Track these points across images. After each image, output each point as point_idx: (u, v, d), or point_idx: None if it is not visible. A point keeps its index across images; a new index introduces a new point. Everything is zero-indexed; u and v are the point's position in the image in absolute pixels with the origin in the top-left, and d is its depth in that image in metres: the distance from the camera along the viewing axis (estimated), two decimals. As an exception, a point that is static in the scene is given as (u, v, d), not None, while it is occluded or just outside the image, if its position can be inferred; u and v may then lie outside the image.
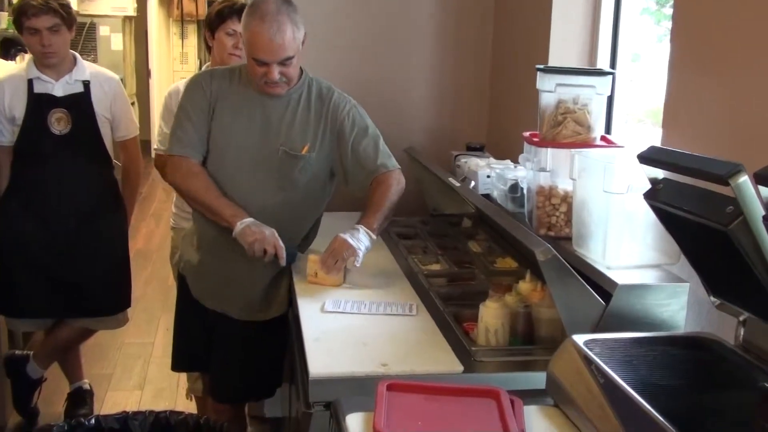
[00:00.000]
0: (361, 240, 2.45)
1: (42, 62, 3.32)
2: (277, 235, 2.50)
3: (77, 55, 3.46)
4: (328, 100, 2.62)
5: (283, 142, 2.56)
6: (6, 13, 5.49)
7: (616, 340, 1.66)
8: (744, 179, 1.31)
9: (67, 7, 3.31)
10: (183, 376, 3.90)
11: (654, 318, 1.90)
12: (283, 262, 2.51)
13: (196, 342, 2.82)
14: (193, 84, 2.67)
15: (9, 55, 5.70)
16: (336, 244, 2.45)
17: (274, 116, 2.58)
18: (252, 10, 2.46)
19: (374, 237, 2.49)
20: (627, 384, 1.44)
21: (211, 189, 2.56)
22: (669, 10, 2.83)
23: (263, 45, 2.42)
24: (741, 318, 1.60)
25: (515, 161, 2.80)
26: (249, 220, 2.50)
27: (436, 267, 2.73)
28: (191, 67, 10.25)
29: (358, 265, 2.44)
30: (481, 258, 2.77)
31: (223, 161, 2.59)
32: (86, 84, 3.39)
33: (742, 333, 1.60)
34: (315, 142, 2.59)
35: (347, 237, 2.45)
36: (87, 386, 3.77)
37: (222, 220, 2.54)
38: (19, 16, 3.25)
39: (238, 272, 2.62)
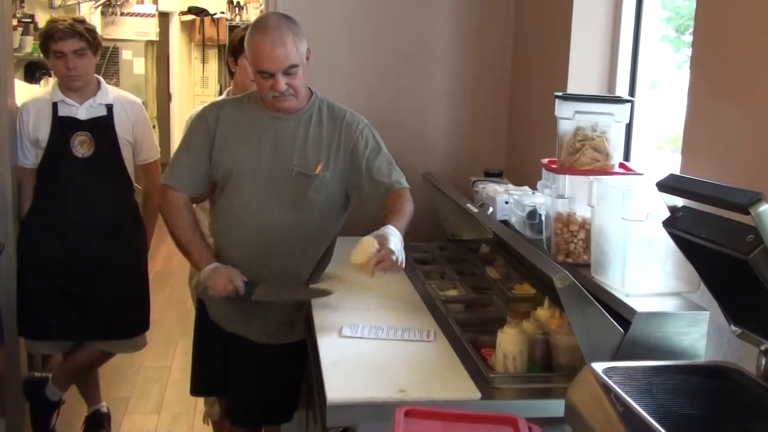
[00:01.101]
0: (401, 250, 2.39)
1: (67, 85, 3.37)
2: (237, 272, 2.55)
3: (101, 79, 3.51)
4: (340, 119, 2.66)
5: (296, 162, 2.59)
6: (31, 38, 5.57)
7: (635, 368, 1.65)
8: (764, 208, 1.30)
9: (92, 32, 3.38)
10: (200, 399, 3.90)
11: (674, 346, 1.88)
12: (241, 291, 2.55)
13: (215, 367, 2.82)
14: (199, 117, 2.73)
15: (34, 79, 5.80)
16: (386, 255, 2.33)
17: (285, 137, 2.62)
18: (254, 27, 2.54)
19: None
20: (647, 413, 1.42)
21: (186, 228, 2.63)
22: (688, 38, 2.84)
23: (266, 55, 2.46)
24: (762, 347, 1.58)
25: (533, 187, 2.80)
26: (213, 265, 2.56)
27: (453, 293, 2.72)
28: (212, 92, 10.33)
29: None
30: (498, 284, 2.77)
31: (238, 184, 2.62)
32: (109, 108, 3.44)
33: (763, 363, 1.59)
34: (328, 161, 2.61)
35: (395, 249, 2.33)
36: (105, 409, 3.79)
37: (190, 260, 2.65)
38: (46, 40, 3.31)
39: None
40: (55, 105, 3.38)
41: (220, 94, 9.84)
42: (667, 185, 1.58)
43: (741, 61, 1.96)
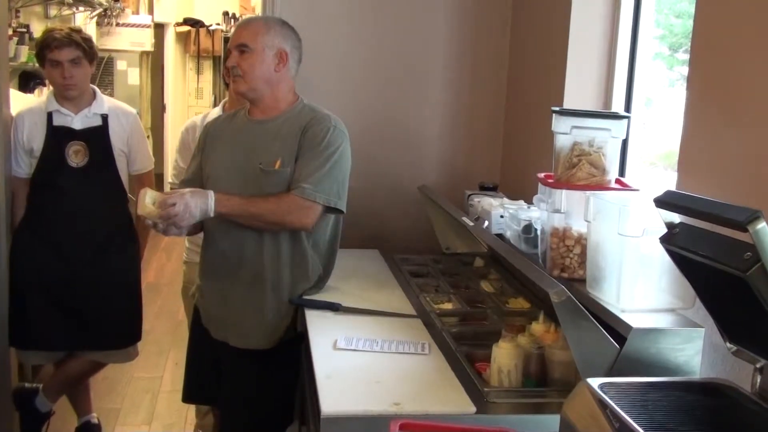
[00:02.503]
0: (198, 213, 2.44)
1: (62, 94, 3.37)
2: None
3: (97, 89, 3.52)
4: (311, 117, 2.65)
5: (261, 160, 2.61)
6: (27, 47, 5.57)
7: (631, 384, 1.65)
8: (763, 225, 1.31)
9: (89, 41, 3.38)
10: (191, 411, 3.88)
11: (668, 363, 1.88)
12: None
13: (207, 375, 2.83)
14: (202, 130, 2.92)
15: (28, 88, 5.79)
16: (180, 208, 2.40)
17: (258, 138, 2.66)
18: None
19: (211, 215, 2.48)
20: (642, 429, 1.42)
21: None
22: (682, 56, 2.86)
23: (232, 33, 2.67)
24: (758, 365, 1.58)
25: (528, 201, 2.81)
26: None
27: (447, 306, 2.72)
28: (206, 102, 10.33)
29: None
30: (493, 298, 2.77)
31: (214, 187, 2.62)
32: (104, 118, 3.44)
33: (758, 380, 1.59)
34: (292, 158, 2.60)
35: (193, 208, 2.42)
36: (95, 420, 3.77)
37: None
38: (42, 49, 3.31)
39: (234, 296, 2.67)
40: (50, 115, 3.38)
41: (215, 105, 9.83)
42: (665, 201, 1.59)
43: (737, 79, 1.97)
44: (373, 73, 3.68)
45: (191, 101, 10.45)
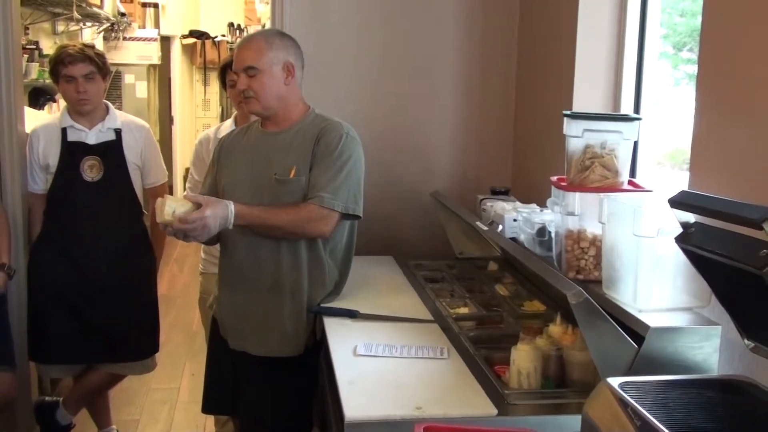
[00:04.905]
0: (217, 228, 2.48)
1: (76, 109, 3.41)
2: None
3: (109, 104, 3.55)
4: (323, 126, 2.68)
5: (276, 170, 2.64)
6: (37, 64, 5.62)
7: (651, 383, 1.66)
8: (778, 223, 1.33)
9: (102, 57, 3.42)
10: (210, 421, 3.91)
11: (686, 361, 1.90)
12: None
13: (226, 386, 2.84)
14: (216, 145, 2.95)
15: (38, 105, 5.83)
16: (198, 225, 2.43)
17: (272, 149, 2.69)
18: None
19: (230, 228, 2.52)
20: (664, 427, 1.44)
21: None
22: (685, 54, 2.87)
23: (234, 56, 2.68)
24: (776, 361, 1.60)
25: (540, 205, 2.83)
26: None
27: (464, 310, 2.74)
28: (213, 114, 10.38)
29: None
30: (508, 301, 2.79)
31: (232, 195, 2.65)
32: (118, 132, 3.47)
33: (777, 376, 1.61)
34: (306, 166, 2.63)
35: (212, 227, 2.45)
36: (115, 432, 3.80)
37: None
38: (56, 65, 3.35)
39: (253, 304, 2.69)
40: (64, 130, 3.42)
41: (222, 116, 9.79)
42: (680, 201, 1.61)
43: (747, 75, 1.99)
44: (383, 81, 3.71)
45: (199, 113, 10.50)
